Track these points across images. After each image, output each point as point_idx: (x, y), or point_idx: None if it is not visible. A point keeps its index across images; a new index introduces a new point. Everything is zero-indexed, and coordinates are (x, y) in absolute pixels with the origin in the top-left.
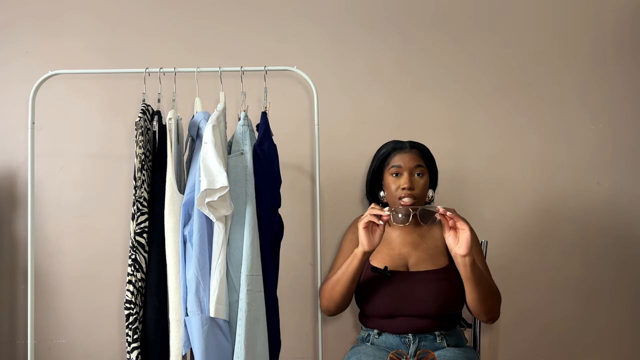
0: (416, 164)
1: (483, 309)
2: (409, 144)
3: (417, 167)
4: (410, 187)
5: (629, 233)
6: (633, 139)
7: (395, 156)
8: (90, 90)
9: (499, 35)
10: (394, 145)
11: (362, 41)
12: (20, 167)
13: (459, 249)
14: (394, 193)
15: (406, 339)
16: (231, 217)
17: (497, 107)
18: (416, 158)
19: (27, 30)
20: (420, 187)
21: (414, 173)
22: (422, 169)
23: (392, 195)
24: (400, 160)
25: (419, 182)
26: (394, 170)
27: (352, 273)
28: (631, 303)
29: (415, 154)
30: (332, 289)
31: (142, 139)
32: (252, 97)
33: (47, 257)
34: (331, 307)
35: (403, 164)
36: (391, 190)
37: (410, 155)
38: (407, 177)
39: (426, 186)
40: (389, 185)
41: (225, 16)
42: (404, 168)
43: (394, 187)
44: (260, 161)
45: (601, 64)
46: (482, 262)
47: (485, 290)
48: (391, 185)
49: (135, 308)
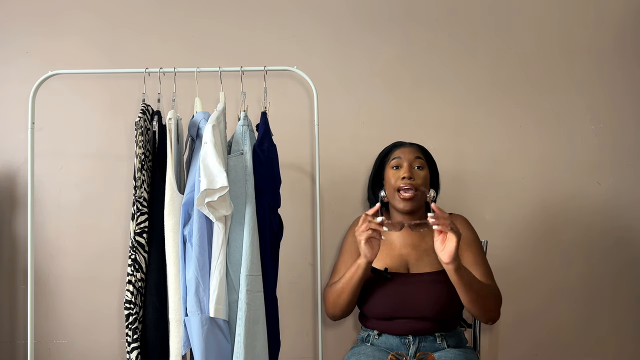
0: (416, 155)
1: (478, 311)
2: (410, 143)
3: (416, 159)
4: (409, 177)
5: (629, 233)
6: (633, 139)
7: (396, 150)
8: (90, 90)
9: (500, 35)
10: (394, 143)
11: (362, 41)
12: (20, 167)
13: (442, 255)
14: (393, 185)
15: (406, 340)
16: (231, 217)
17: (498, 107)
18: (416, 151)
19: (27, 29)
20: (420, 177)
21: (414, 165)
22: (422, 161)
23: (391, 187)
24: (400, 153)
25: (419, 173)
26: (395, 163)
27: (356, 282)
28: (632, 303)
29: (415, 149)
30: (338, 297)
31: (142, 139)
32: (252, 97)
33: (47, 257)
34: (337, 314)
35: (403, 156)
36: (391, 183)
37: (410, 149)
38: (407, 167)
39: (426, 180)
40: (389, 179)
41: (225, 16)
42: (404, 159)
43: (394, 180)
44: (260, 161)
45: (602, 63)
46: (483, 262)
47: (477, 293)
48: (391, 178)
49: (135, 308)
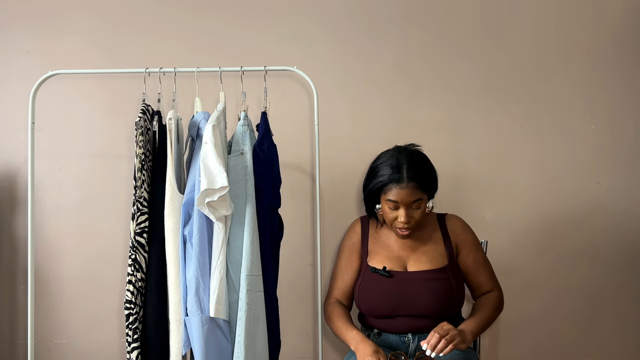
0: (414, 199)
1: None
2: (407, 175)
3: (414, 202)
4: (407, 221)
5: (629, 233)
6: (633, 139)
7: (393, 189)
8: (90, 90)
9: (499, 36)
10: (390, 173)
11: (362, 41)
12: (20, 167)
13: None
14: (391, 221)
15: (406, 339)
16: (231, 217)
17: (497, 107)
18: (414, 193)
19: (27, 29)
20: (417, 217)
21: (412, 207)
22: (420, 202)
23: (389, 220)
24: (397, 196)
25: (417, 213)
26: (391, 205)
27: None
28: (634, 303)
29: (413, 188)
30: (332, 325)
31: (142, 139)
32: (252, 97)
33: (47, 257)
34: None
35: (400, 200)
36: (388, 218)
37: (408, 191)
38: (404, 212)
39: (423, 212)
40: (386, 212)
41: (226, 16)
42: (401, 203)
43: (391, 217)
44: (260, 161)
45: (601, 64)
46: (485, 264)
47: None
48: (388, 213)
49: (135, 308)
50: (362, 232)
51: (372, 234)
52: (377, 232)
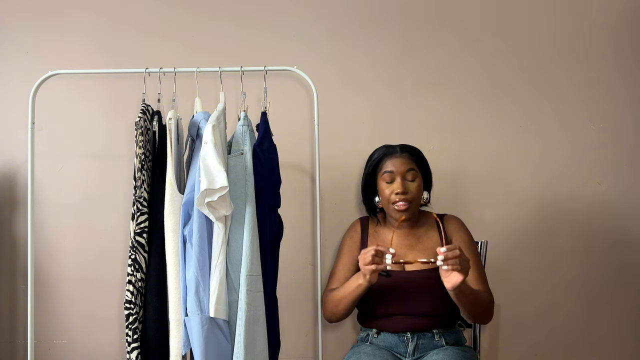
0: (408, 167)
1: (474, 318)
2: (400, 148)
3: (409, 172)
4: (403, 192)
5: (629, 233)
6: (633, 139)
7: (387, 161)
8: (90, 90)
9: (500, 35)
10: (385, 150)
11: (362, 41)
12: (20, 167)
13: (445, 282)
14: (387, 198)
15: (404, 338)
16: (231, 217)
17: (498, 106)
18: (407, 162)
19: (27, 29)
20: (413, 190)
21: (407, 177)
22: (414, 172)
23: (386, 200)
24: (392, 166)
25: (412, 185)
26: (387, 177)
27: (354, 298)
28: (632, 303)
29: (407, 158)
30: (335, 306)
31: (142, 139)
32: (252, 97)
33: (47, 257)
34: (333, 319)
35: (395, 169)
36: (385, 196)
37: (402, 160)
38: (400, 182)
39: (420, 189)
40: (382, 190)
41: (225, 16)
42: (396, 173)
43: (388, 192)
44: (260, 161)
45: (602, 63)
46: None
47: (474, 308)
48: (385, 190)
49: (135, 308)
50: (362, 232)
51: (372, 234)
52: (377, 232)
